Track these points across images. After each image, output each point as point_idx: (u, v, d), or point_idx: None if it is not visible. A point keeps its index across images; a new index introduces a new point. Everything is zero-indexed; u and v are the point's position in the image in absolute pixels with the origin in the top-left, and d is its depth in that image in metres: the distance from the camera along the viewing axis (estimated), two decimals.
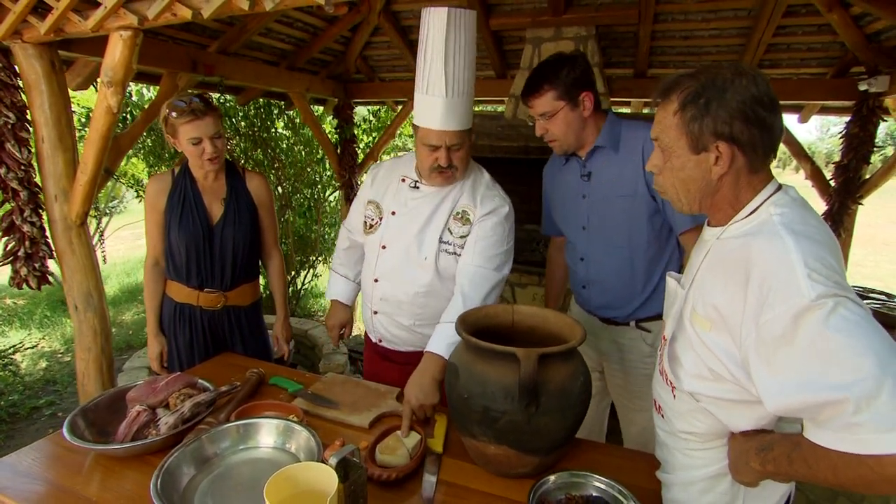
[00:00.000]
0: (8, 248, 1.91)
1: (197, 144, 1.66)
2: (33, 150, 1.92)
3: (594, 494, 1.10)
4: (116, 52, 1.62)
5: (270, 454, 1.22)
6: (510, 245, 1.55)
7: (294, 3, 1.34)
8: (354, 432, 1.36)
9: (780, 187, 0.90)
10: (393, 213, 1.57)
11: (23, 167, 1.86)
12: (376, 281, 1.59)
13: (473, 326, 1.26)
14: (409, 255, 1.51)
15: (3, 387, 3.00)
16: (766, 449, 0.83)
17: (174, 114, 1.61)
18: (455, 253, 1.51)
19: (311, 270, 4.90)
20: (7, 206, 1.88)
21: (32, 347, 3.40)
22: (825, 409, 0.69)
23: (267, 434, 1.25)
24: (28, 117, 1.88)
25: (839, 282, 0.72)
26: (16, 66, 1.84)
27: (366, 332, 1.78)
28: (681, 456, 1.02)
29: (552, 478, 1.12)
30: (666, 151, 0.93)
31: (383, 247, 1.56)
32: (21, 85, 1.86)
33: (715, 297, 0.86)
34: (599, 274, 1.65)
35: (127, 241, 8.11)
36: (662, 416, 1.06)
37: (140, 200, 4.21)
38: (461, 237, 1.51)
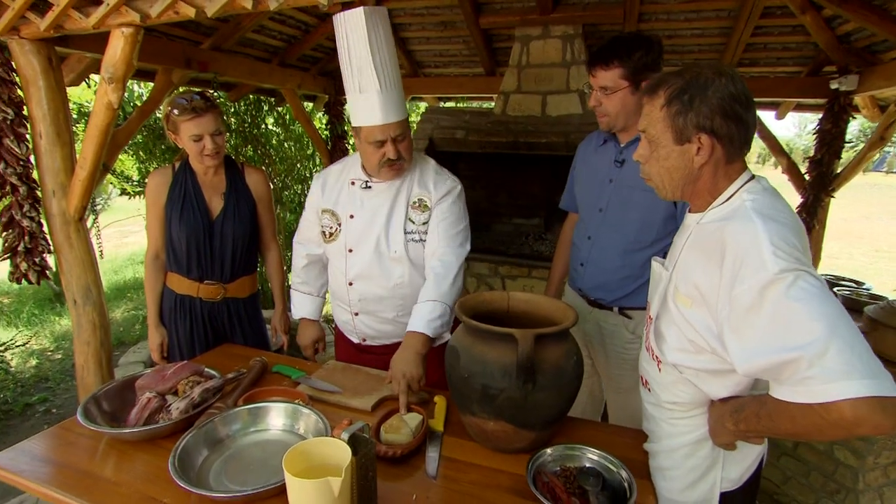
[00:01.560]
0: (7, 243, 1.92)
1: (198, 141, 1.70)
2: (31, 145, 1.93)
3: (588, 465, 1.18)
4: (117, 48, 1.65)
5: (280, 436, 1.28)
6: (467, 221, 1.63)
7: (296, 2, 1.39)
8: (358, 415, 1.41)
9: (753, 177, 0.99)
10: (351, 217, 1.59)
11: (21, 162, 1.87)
12: (351, 284, 1.62)
13: (472, 311, 1.33)
14: (380, 251, 1.55)
15: None
16: (738, 410, 0.93)
17: (176, 111, 1.65)
18: (421, 240, 1.57)
19: None
20: (6, 202, 1.89)
21: (23, 345, 3.38)
22: (785, 369, 0.78)
23: (276, 417, 1.31)
24: (25, 113, 1.89)
25: (800, 258, 0.81)
26: (12, 62, 1.85)
27: (337, 335, 1.82)
28: (666, 425, 1.11)
29: (548, 451, 1.20)
30: (653, 142, 1.01)
31: (350, 250, 1.59)
32: (18, 81, 1.87)
33: (695, 276, 0.95)
34: (600, 255, 1.72)
35: (113, 238, 8.01)
36: (649, 389, 1.15)
37: (129, 197, 4.20)
38: (423, 223, 1.57)
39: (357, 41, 1.37)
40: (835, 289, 2.48)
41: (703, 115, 0.93)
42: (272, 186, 4.37)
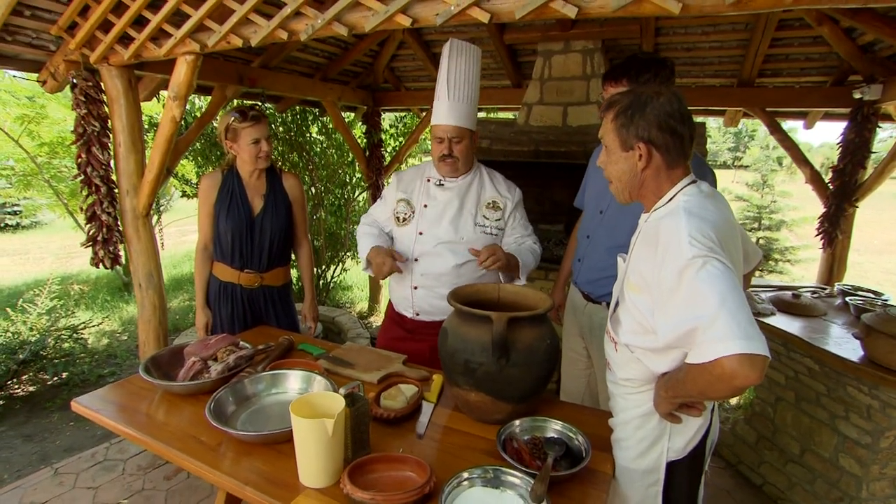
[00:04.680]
0: (90, 233, 2.30)
1: (256, 144, 2.02)
2: (112, 152, 2.31)
3: (555, 436, 1.34)
4: (181, 72, 1.98)
5: (296, 397, 1.52)
6: None
7: (323, 33, 1.65)
8: (366, 386, 1.64)
9: (694, 181, 1.14)
10: (425, 206, 1.88)
11: (104, 166, 2.25)
12: (416, 260, 1.88)
13: (464, 299, 1.52)
14: (447, 237, 1.82)
15: (77, 357, 3.47)
16: (668, 379, 1.10)
17: (236, 121, 1.97)
18: (493, 234, 1.85)
19: (341, 265, 5.26)
20: (91, 199, 2.27)
21: (97, 325, 3.88)
22: (690, 336, 0.94)
23: (294, 381, 1.56)
24: (108, 126, 2.28)
25: (712, 248, 0.97)
26: (101, 84, 2.23)
27: (389, 312, 2.03)
28: (621, 400, 1.27)
29: (517, 422, 1.36)
30: (607, 149, 1.20)
31: (420, 233, 1.86)
32: (104, 99, 2.25)
33: (640, 266, 1.12)
34: (594, 253, 1.87)
35: (174, 236, 8.77)
36: (611, 369, 1.31)
37: (188, 199, 4.68)
38: (497, 220, 1.87)
39: (442, 62, 1.76)
40: (847, 298, 2.47)
41: (642, 127, 1.10)
42: (315, 191, 4.76)
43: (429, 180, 1.91)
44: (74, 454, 2.60)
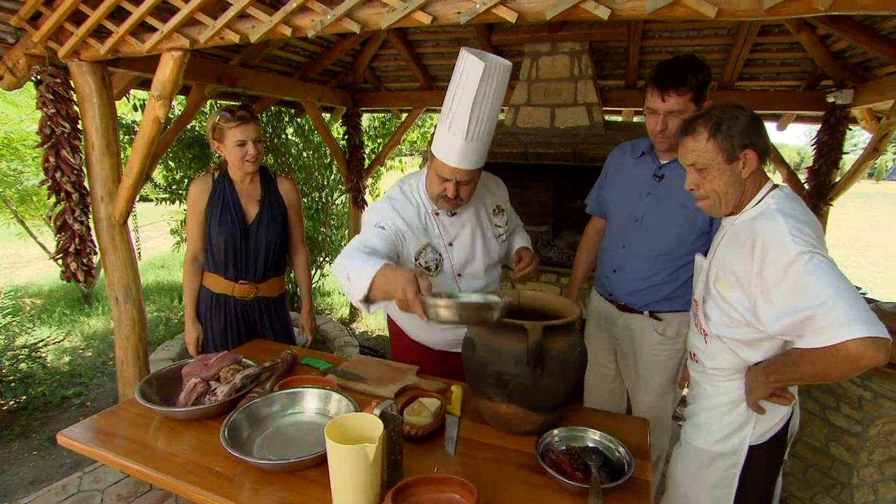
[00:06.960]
0: (60, 244, 2.10)
1: (241, 146, 1.88)
2: (83, 156, 2.12)
3: (590, 445, 1.31)
4: (167, 69, 1.83)
5: (314, 417, 1.43)
6: None
7: (332, 30, 1.55)
8: (382, 401, 1.56)
9: (775, 186, 1.24)
10: (450, 244, 1.65)
11: (75, 171, 2.06)
12: None
13: None
14: (486, 268, 1.71)
15: (39, 379, 3.18)
16: (768, 366, 1.20)
17: (223, 120, 1.83)
18: (505, 238, 1.79)
19: (319, 270, 5.10)
20: (60, 207, 2.07)
21: (58, 342, 3.58)
22: (805, 324, 1.03)
23: (310, 400, 1.46)
24: (80, 127, 2.08)
25: (813, 244, 1.06)
26: (70, 82, 2.04)
27: (400, 337, 1.88)
28: (709, 387, 1.36)
29: (555, 432, 1.33)
30: (703, 171, 1.24)
31: (459, 275, 1.68)
32: (74, 98, 2.06)
33: (732, 265, 1.20)
34: (635, 264, 1.79)
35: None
36: (696, 361, 1.40)
37: (155, 204, 4.41)
38: (506, 223, 1.79)
39: (466, 87, 1.36)
40: None
41: (744, 134, 1.18)
42: None
43: (437, 213, 1.63)
44: (42, 487, 2.37)
